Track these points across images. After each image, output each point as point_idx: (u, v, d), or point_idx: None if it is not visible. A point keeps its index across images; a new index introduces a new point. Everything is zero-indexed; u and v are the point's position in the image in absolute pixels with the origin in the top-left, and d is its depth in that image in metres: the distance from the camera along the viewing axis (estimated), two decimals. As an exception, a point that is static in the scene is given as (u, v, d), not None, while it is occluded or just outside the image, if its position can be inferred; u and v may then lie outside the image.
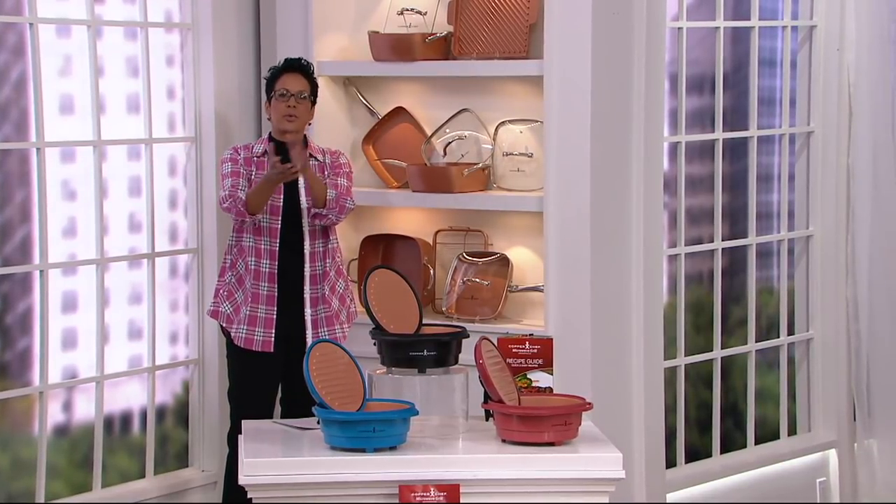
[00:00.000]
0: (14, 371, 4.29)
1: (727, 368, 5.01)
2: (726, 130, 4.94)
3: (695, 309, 4.93)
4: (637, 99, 4.45)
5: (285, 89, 4.28)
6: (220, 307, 4.32)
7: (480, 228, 4.68)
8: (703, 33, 4.89)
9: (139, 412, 4.61)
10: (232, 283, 4.31)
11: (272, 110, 4.32)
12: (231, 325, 4.30)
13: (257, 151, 4.34)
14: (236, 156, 4.33)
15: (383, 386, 3.63)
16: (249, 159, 4.32)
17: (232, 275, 4.32)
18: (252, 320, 4.28)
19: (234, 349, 4.32)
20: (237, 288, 4.30)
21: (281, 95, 4.28)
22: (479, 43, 4.62)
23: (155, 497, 4.57)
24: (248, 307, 4.28)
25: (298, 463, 3.42)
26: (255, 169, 4.31)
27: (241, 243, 4.32)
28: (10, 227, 4.28)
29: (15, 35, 4.26)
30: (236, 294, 4.30)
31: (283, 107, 4.28)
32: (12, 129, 4.28)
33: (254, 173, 4.30)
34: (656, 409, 4.57)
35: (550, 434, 3.47)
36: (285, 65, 4.33)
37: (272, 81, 4.32)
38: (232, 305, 4.30)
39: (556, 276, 4.38)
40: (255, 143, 4.39)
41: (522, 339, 3.71)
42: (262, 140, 4.37)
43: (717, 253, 4.94)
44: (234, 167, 4.30)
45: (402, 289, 3.78)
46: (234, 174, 4.30)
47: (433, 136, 4.73)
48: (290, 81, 4.31)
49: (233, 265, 4.32)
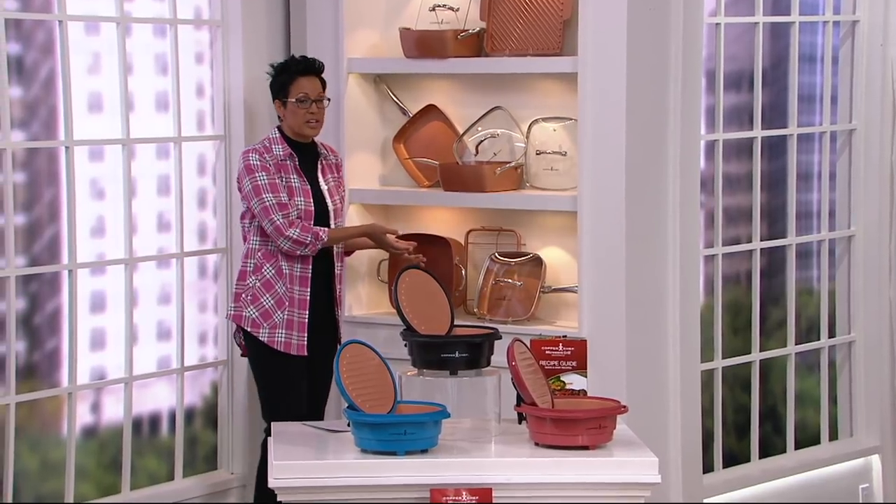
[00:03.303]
0: (42, 372, 4.36)
1: (766, 371, 5.02)
2: (765, 128, 4.96)
3: (732, 310, 4.95)
4: (673, 96, 4.47)
5: (304, 95, 4.32)
6: (244, 311, 4.34)
7: (513, 228, 4.71)
8: (742, 29, 4.91)
9: (168, 414, 4.68)
10: (257, 288, 4.33)
11: (290, 114, 4.33)
12: (258, 330, 4.33)
13: (280, 154, 4.34)
14: (264, 161, 4.31)
15: (414, 388, 3.67)
16: (278, 165, 4.33)
17: (256, 279, 4.34)
18: (290, 324, 4.33)
19: (269, 354, 4.35)
20: (263, 292, 4.33)
21: (301, 101, 4.31)
22: (512, 39, 4.66)
23: (184, 499, 4.63)
24: (286, 311, 4.33)
25: (328, 466, 3.47)
26: (281, 173, 4.34)
27: (266, 248, 4.35)
28: (38, 227, 4.36)
29: (44, 32, 4.34)
30: (262, 298, 4.33)
31: (305, 113, 4.32)
32: (41, 128, 4.36)
33: (282, 179, 4.33)
34: (693, 412, 4.59)
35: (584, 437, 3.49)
36: (301, 67, 4.35)
37: (286, 84, 4.32)
38: (258, 310, 4.33)
39: (591, 277, 4.41)
40: (269, 144, 4.35)
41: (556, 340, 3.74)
42: (278, 140, 4.36)
43: (755, 253, 4.96)
44: (270, 177, 4.29)
45: (433, 289, 3.81)
46: (274, 187, 4.27)
47: (465, 135, 4.77)
48: (309, 85, 4.35)
49: (256, 269, 4.34)
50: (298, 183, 4.34)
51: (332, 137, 4.71)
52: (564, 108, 4.61)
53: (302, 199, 4.32)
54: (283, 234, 4.26)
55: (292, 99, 4.32)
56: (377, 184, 4.89)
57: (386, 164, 4.93)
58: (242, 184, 4.33)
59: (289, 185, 4.32)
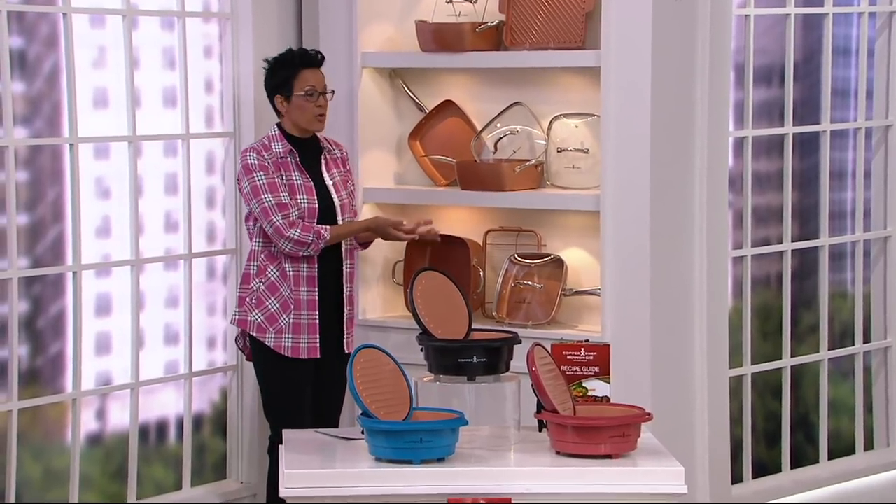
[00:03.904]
0: (46, 377, 4.38)
1: (797, 378, 5.02)
2: (797, 124, 4.95)
3: (762, 314, 4.95)
4: (701, 91, 4.47)
5: (312, 87, 4.33)
6: (249, 316, 4.35)
7: (533, 228, 4.72)
8: (772, 21, 4.91)
9: (175, 420, 4.69)
10: (261, 291, 4.34)
11: (294, 109, 4.34)
12: (264, 335, 4.35)
13: (280, 151, 4.35)
14: (263, 160, 4.31)
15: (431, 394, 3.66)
16: (276, 162, 4.34)
17: (260, 281, 4.34)
18: (297, 328, 4.35)
19: (274, 359, 4.36)
20: (268, 295, 4.34)
21: (309, 95, 4.32)
22: (533, 32, 4.67)
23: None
24: (292, 315, 4.34)
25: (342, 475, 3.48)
26: (282, 171, 4.35)
27: (269, 249, 4.36)
28: (41, 227, 4.38)
29: (48, 26, 4.36)
30: (267, 302, 4.34)
31: (313, 107, 4.34)
32: (44, 124, 4.38)
33: (283, 177, 4.34)
34: (721, 420, 4.59)
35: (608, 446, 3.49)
36: (305, 60, 4.35)
37: (289, 78, 4.33)
38: (263, 314, 4.34)
39: (614, 279, 4.41)
40: (268, 141, 4.36)
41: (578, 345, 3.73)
42: (278, 137, 4.37)
43: (786, 255, 4.95)
44: (269, 176, 4.30)
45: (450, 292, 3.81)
46: (273, 187, 4.28)
47: (483, 131, 4.78)
48: (315, 78, 4.36)
49: (261, 271, 4.35)
50: (301, 180, 4.35)
51: (345, 134, 4.73)
52: (587, 104, 4.61)
53: (304, 196, 4.33)
54: (283, 235, 4.27)
55: (300, 93, 4.34)
56: (392, 182, 4.90)
57: (401, 161, 4.94)
58: (242, 185, 4.34)
59: (290, 182, 4.33)
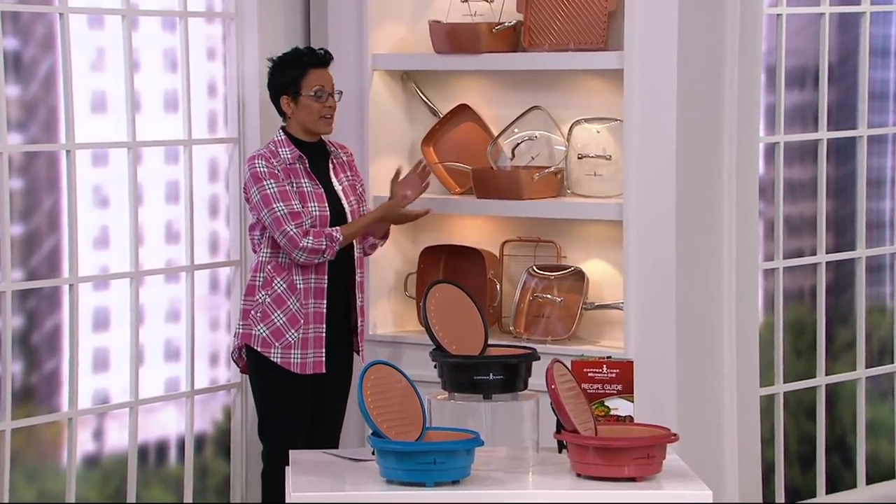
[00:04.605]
0: (41, 395, 4.38)
1: (833, 397, 5.00)
2: (831, 129, 4.94)
3: (795, 330, 4.93)
4: (729, 94, 4.47)
5: (320, 87, 4.33)
6: (253, 330, 4.34)
7: (552, 239, 4.72)
8: (806, 20, 4.90)
9: (176, 441, 4.70)
10: (267, 304, 4.33)
11: (302, 110, 4.34)
12: (269, 350, 4.34)
13: (288, 157, 4.34)
14: (272, 168, 4.31)
15: (445, 413, 3.67)
16: (287, 170, 4.34)
17: (266, 294, 4.33)
18: (305, 343, 4.34)
19: (278, 375, 4.35)
20: (274, 308, 4.33)
21: (318, 96, 4.33)
22: (552, 33, 4.67)
23: (193, 535, 4.66)
24: (301, 329, 4.33)
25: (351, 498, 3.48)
26: (291, 178, 4.34)
27: (277, 260, 4.35)
28: (37, 237, 4.39)
29: (43, 26, 4.37)
30: (273, 315, 4.33)
31: (321, 107, 4.34)
32: (40, 130, 4.39)
33: (292, 184, 4.33)
34: (751, 441, 4.57)
35: (631, 468, 3.49)
36: (313, 59, 4.36)
37: (297, 78, 4.33)
38: (268, 328, 4.33)
39: (638, 293, 4.40)
40: (275, 147, 4.36)
41: (599, 361, 3.74)
42: (284, 142, 4.37)
43: (820, 267, 4.94)
44: (280, 185, 4.29)
45: (465, 306, 3.82)
46: (285, 195, 4.28)
47: (500, 137, 4.78)
48: (323, 78, 4.36)
49: (267, 283, 4.34)
50: (311, 187, 4.35)
51: (355, 140, 4.73)
52: (609, 108, 4.61)
53: (315, 204, 4.33)
54: (297, 245, 4.26)
55: (309, 93, 4.34)
56: (404, 191, 4.92)
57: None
58: (250, 194, 4.34)
59: (300, 190, 4.33)
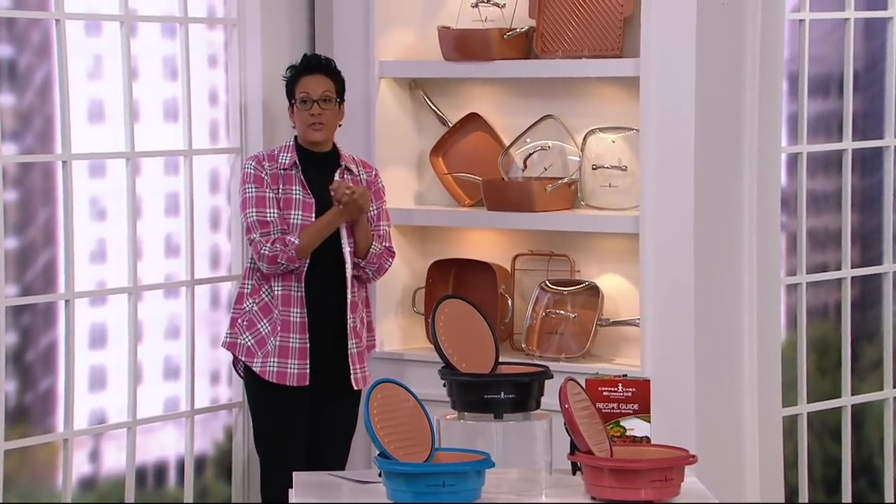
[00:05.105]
0: (35, 415, 4.39)
1: (859, 418, 4.98)
2: (857, 139, 4.93)
3: (819, 347, 4.92)
4: (750, 103, 4.46)
5: (306, 94, 4.35)
6: (239, 339, 4.38)
7: (566, 253, 4.71)
8: (830, 26, 4.89)
9: (176, 463, 4.70)
10: (254, 312, 4.37)
11: (296, 118, 4.39)
12: (253, 360, 4.35)
13: (284, 163, 4.37)
14: (260, 171, 4.35)
15: (454, 433, 3.65)
16: (276, 174, 4.36)
17: (254, 302, 4.37)
18: (283, 351, 4.35)
19: (261, 387, 4.36)
20: (261, 317, 4.36)
21: (302, 102, 4.35)
22: (566, 39, 4.67)
23: (192, 560, 4.66)
24: (279, 337, 4.34)
25: (356, 521, 3.48)
26: (282, 184, 4.36)
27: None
28: (31, 251, 4.40)
29: (39, 33, 4.39)
30: (259, 324, 4.36)
31: (307, 115, 4.36)
32: (35, 140, 4.41)
33: (281, 190, 4.34)
34: (773, 464, 4.56)
35: (648, 491, 3.47)
36: (303, 65, 4.39)
37: (292, 85, 4.38)
38: (254, 337, 4.36)
39: (655, 308, 4.40)
40: (278, 151, 4.41)
41: (615, 380, 3.72)
42: (289, 147, 4.40)
43: (845, 282, 4.93)
44: (260, 190, 4.33)
45: (475, 322, 3.81)
46: (260, 202, 4.32)
47: (512, 147, 4.78)
48: (312, 84, 4.38)
49: (254, 291, 4.37)
50: (301, 195, 4.36)
51: (361, 150, 4.73)
52: (624, 117, 4.61)
53: (300, 212, 4.34)
54: (258, 252, 4.32)
55: (297, 100, 4.37)
56: (412, 203, 4.91)
57: (422, 180, 4.94)
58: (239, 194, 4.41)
59: (287, 196, 4.34)
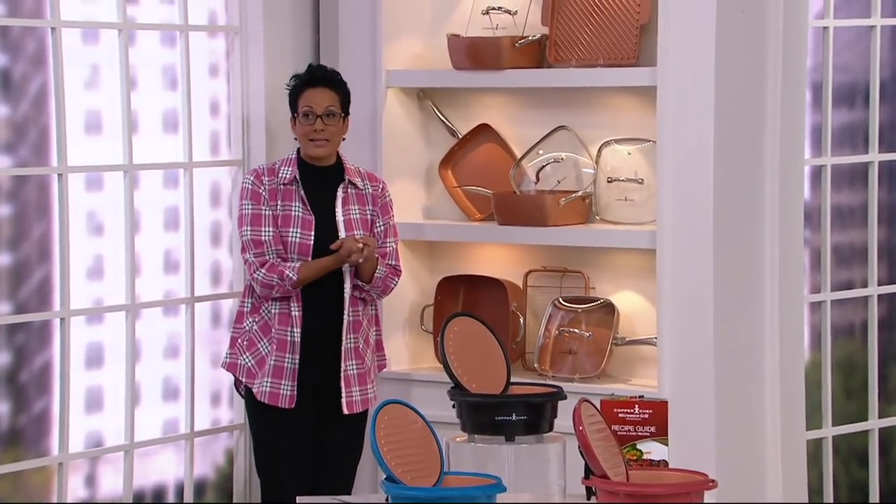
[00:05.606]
0: (29, 438, 4.38)
1: (887, 442, 4.97)
2: (883, 151, 4.93)
3: (844, 368, 4.90)
4: (772, 113, 4.45)
5: (309, 108, 4.33)
6: (239, 359, 4.36)
7: (580, 269, 4.69)
8: (855, 33, 4.88)
9: (175, 487, 4.69)
10: (254, 332, 4.35)
11: (297, 132, 4.37)
12: (254, 381, 4.34)
13: (285, 177, 4.35)
14: (258, 187, 4.33)
15: (464, 456, 3.65)
16: (275, 189, 4.34)
17: (254, 321, 4.36)
18: (278, 371, 4.33)
19: (259, 409, 4.34)
20: (261, 337, 4.34)
21: (305, 116, 4.33)
22: (580, 47, 4.66)
23: (192, 589, 4.64)
24: (274, 357, 4.33)
25: (361, 548, 3.46)
26: (281, 200, 4.34)
27: None
28: (26, 267, 4.39)
29: (34, 41, 4.39)
30: (259, 344, 4.34)
31: (309, 129, 4.34)
32: (30, 152, 4.40)
33: (280, 206, 4.33)
34: (797, 489, 4.53)
35: (665, 517, 3.46)
36: (305, 77, 4.37)
37: (295, 98, 4.36)
38: (254, 357, 4.35)
39: (672, 327, 4.38)
40: (279, 164, 4.39)
41: (631, 401, 3.71)
42: (291, 161, 4.38)
43: (871, 300, 4.91)
44: (256, 207, 4.31)
45: (486, 341, 3.80)
46: (256, 219, 4.30)
47: (524, 159, 4.76)
48: (316, 97, 4.36)
49: (254, 310, 4.36)
50: (301, 212, 4.34)
51: (368, 162, 4.73)
52: (641, 128, 4.59)
53: (298, 230, 4.32)
54: (251, 274, 4.32)
55: (299, 114, 4.36)
56: (420, 217, 4.90)
57: (431, 193, 4.93)
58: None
59: (286, 213, 4.33)
